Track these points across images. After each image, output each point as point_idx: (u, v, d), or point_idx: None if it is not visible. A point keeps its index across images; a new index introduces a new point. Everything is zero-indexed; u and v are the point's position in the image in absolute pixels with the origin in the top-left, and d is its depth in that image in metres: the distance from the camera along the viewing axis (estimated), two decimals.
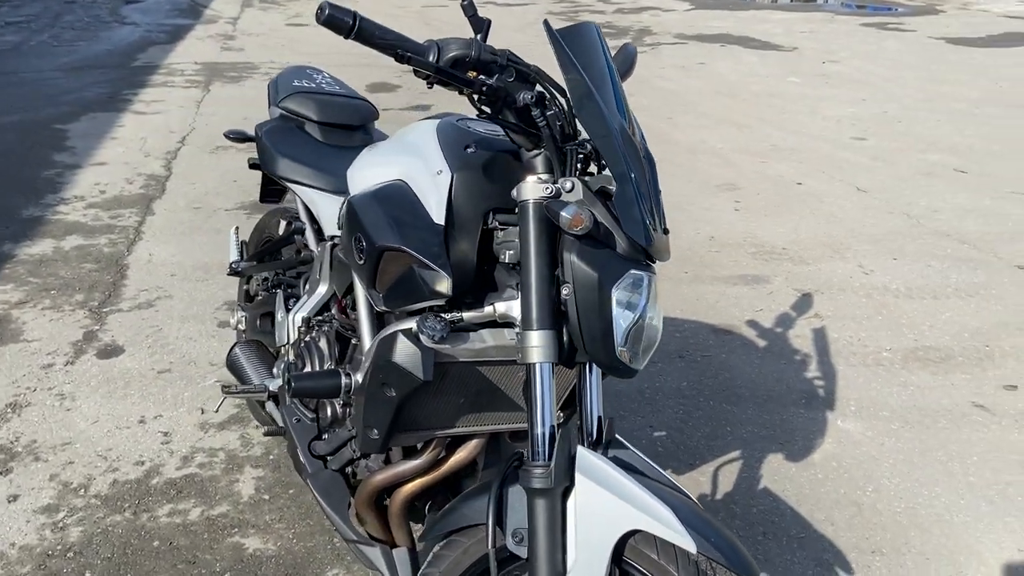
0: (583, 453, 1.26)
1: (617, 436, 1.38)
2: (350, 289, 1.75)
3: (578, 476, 1.24)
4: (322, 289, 1.92)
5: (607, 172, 1.31)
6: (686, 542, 1.17)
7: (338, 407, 1.73)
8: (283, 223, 2.19)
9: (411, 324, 1.37)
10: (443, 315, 1.35)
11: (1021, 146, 5.71)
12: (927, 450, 2.46)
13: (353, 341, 1.69)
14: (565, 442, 1.26)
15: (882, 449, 2.46)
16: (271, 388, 2.02)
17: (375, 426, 1.44)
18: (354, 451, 1.68)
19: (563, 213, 1.19)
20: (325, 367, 1.77)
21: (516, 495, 1.30)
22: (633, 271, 1.26)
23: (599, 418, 1.37)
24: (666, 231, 1.32)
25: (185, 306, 3.34)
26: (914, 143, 5.75)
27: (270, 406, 2.07)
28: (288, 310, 2.02)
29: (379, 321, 1.59)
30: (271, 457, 2.47)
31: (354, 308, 1.76)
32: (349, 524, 1.66)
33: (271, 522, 2.20)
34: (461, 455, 1.60)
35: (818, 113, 6.57)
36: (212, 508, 2.25)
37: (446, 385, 1.43)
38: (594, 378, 1.38)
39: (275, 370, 2.07)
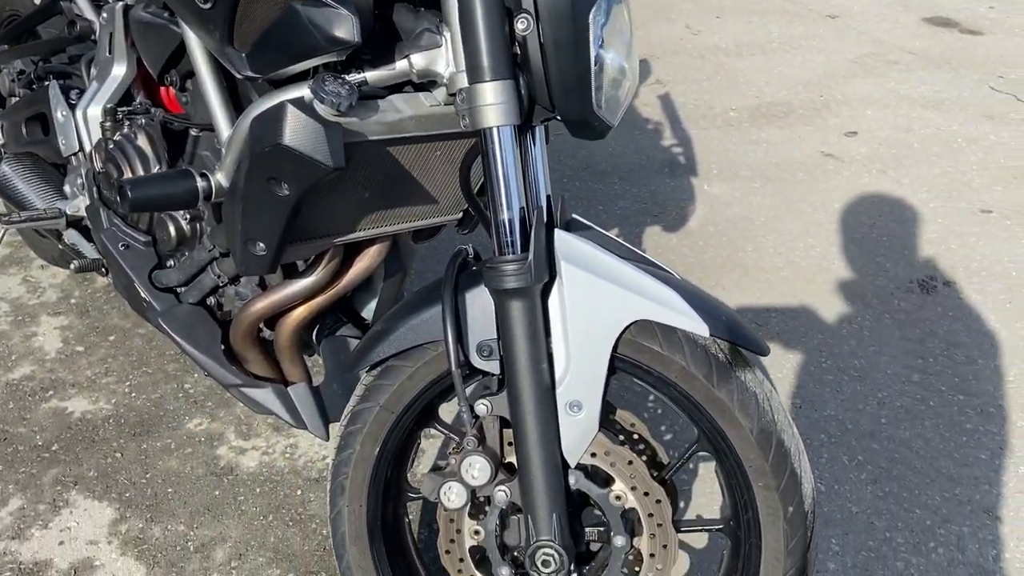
0: (563, 237, 0.98)
1: (575, 215, 1.12)
2: (170, 63, 1.28)
3: (563, 265, 0.97)
4: (119, 70, 1.42)
5: None
6: (698, 326, 0.97)
7: (183, 223, 1.31)
8: None
9: (300, 92, 0.99)
10: (343, 76, 0.98)
11: None
12: (792, 203, 2.44)
13: (193, 133, 1.26)
14: (540, 228, 0.97)
15: (751, 208, 2.41)
16: (68, 212, 1.54)
17: (260, 238, 1.07)
18: (217, 276, 1.29)
19: None
20: (154, 171, 1.32)
21: (475, 300, 1.02)
22: None
23: (549, 197, 1.10)
24: None
25: None
26: None
27: (71, 235, 1.58)
28: (72, 105, 1.50)
29: (232, 99, 1.17)
30: (72, 301, 1.98)
31: (183, 88, 1.30)
32: (226, 366, 1.31)
33: (95, 377, 1.77)
34: (361, 265, 1.29)
35: None
36: (10, 371, 1.78)
37: (348, 174, 1.07)
38: (539, 148, 1.09)
39: (68, 187, 1.57)
